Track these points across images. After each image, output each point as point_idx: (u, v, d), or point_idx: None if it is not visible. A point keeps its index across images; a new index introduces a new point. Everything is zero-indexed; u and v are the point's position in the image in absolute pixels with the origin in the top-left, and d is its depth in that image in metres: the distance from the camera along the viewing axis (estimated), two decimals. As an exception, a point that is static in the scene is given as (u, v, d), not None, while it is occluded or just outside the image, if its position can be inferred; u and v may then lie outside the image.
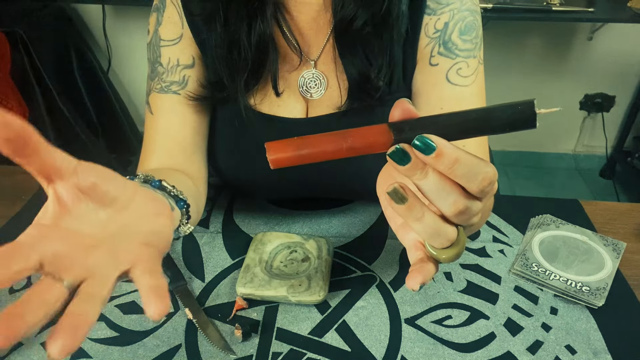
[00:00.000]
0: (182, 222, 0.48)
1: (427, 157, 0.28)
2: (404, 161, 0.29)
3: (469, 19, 0.59)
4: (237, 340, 0.53)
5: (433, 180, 0.29)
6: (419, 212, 0.30)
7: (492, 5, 1.59)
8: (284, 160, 0.30)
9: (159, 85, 0.61)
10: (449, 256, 0.32)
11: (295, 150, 0.30)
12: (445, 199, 0.30)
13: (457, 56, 0.58)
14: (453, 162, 0.28)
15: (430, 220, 0.30)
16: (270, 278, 0.58)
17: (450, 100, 0.58)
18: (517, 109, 0.27)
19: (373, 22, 0.55)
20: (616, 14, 1.66)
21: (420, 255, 0.33)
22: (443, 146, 0.28)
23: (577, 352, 0.52)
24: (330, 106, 0.62)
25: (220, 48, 0.58)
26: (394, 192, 0.30)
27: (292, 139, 0.30)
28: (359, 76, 0.58)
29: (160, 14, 0.61)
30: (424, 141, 0.28)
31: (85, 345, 0.52)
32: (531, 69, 2.05)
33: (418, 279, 0.31)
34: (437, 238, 0.31)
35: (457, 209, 0.30)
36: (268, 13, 0.56)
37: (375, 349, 0.53)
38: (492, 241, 0.67)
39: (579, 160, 2.30)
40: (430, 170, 0.29)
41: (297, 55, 0.61)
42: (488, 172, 0.29)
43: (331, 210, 0.73)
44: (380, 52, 0.57)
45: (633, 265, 0.63)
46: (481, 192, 0.30)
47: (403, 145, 0.29)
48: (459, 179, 0.29)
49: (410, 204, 0.30)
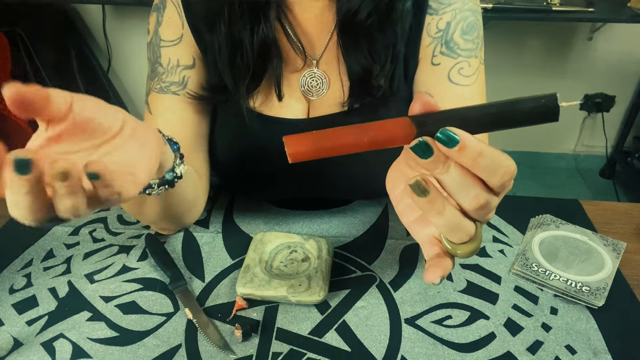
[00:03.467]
0: (176, 163, 0.50)
1: (451, 150, 0.28)
2: (427, 154, 0.29)
3: (471, 19, 0.59)
4: (237, 340, 0.53)
5: (455, 174, 0.29)
6: (441, 206, 0.30)
7: (492, 5, 1.59)
8: (303, 154, 0.29)
9: (159, 85, 0.61)
10: (466, 251, 0.32)
11: (315, 144, 0.29)
12: (466, 193, 0.30)
13: (459, 56, 0.58)
14: (477, 155, 0.28)
15: (451, 214, 0.30)
16: (270, 278, 0.58)
17: (452, 99, 0.58)
18: (540, 102, 0.27)
19: (377, 15, 0.55)
20: (616, 14, 1.66)
21: (437, 251, 0.33)
22: (466, 139, 0.28)
23: (577, 352, 0.52)
24: (332, 106, 0.62)
25: (222, 51, 0.58)
26: (417, 184, 0.29)
27: (310, 133, 0.29)
28: (362, 73, 0.58)
29: (160, 14, 0.61)
30: (447, 134, 0.28)
31: (85, 345, 0.52)
32: (531, 69, 2.05)
33: (438, 272, 0.31)
34: (456, 233, 0.31)
35: (478, 203, 0.30)
36: (271, 16, 0.56)
37: (375, 349, 0.53)
38: (492, 241, 0.67)
39: (579, 160, 2.30)
40: (452, 163, 0.29)
41: (300, 56, 0.60)
42: (510, 165, 0.29)
43: (331, 210, 0.73)
44: (383, 49, 0.57)
45: (633, 265, 0.63)
46: (501, 186, 0.30)
47: (426, 138, 0.29)
48: (481, 172, 0.29)
49: (432, 197, 0.30)
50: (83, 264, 0.63)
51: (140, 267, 0.62)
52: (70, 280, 0.61)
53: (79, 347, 0.52)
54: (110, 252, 0.65)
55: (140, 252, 0.65)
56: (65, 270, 0.62)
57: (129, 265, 0.63)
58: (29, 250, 0.65)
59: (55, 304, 0.57)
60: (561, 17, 1.62)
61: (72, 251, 0.65)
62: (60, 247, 0.66)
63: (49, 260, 0.64)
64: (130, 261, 0.63)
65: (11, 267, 0.63)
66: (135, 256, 0.64)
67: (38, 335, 0.54)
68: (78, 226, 0.69)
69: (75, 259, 0.64)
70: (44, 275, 0.61)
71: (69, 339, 0.53)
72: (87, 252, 0.65)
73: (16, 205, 0.30)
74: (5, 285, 0.60)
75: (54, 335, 0.53)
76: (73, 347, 0.52)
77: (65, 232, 0.68)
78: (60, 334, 0.54)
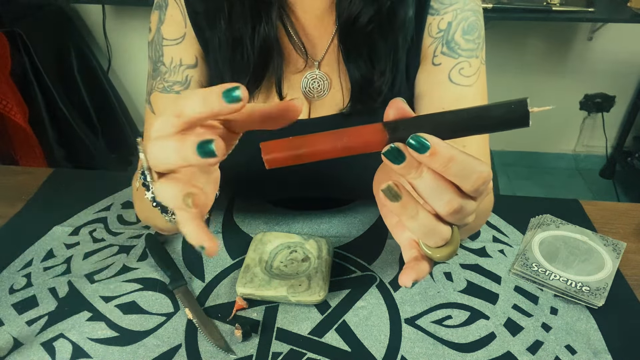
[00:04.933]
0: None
1: (422, 156, 0.28)
2: (399, 160, 0.29)
3: (472, 19, 0.59)
4: (237, 340, 0.53)
5: (428, 179, 0.29)
6: (413, 210, 0.30)
7: (492, 5, 1.59)
8: (280, 160, 0.30)
9: (162, 84, 0.61)
10: (443, 255, 0.32)
11: (291, 150, 0.30)
12: (439, 198, 0.30)
13: (460, 56, 0.58)
14: (447, 161, 0.28)
15: (424, 218, 0.30)
16: (270, 278, 0.58)
17: (452, 100, 0.58)
18: (510, 107, 0.27)
19: (379, 21, 0.55)
20: (616, 14, 1.66)
21: (415, 254, 0.33)
22: (437, 145, 0.28)
23: (577, 352, 0.52)
24: (333, 107, 0.62)
25: (223, 48, 0.57)
26: (388, 189, 0.30)
27: (287, 139, 0.30)
28: (362, 80, 0.58)
29: (162, 12, 0.60)
30: (418, 140, 0.28)
31: (85, 345, 0.52)
32: (531, 69, 2.05)
33: (411, 275, 0.32)
34: (431, 237, 0.31)
35: (452, 208, 0.30)
36: (273, 15, 0.55)
37: (375, 349, 0.53)
38: (492, 241, 0.67)
39: (579, 160, 2.30)
40: (425, 169, 0.29)
41: (301, 57, 0.60)
42: (482, 171, 0.29)
43: (331, 210, 0.73)
44: (384, 56, 0.57)
45: (633, 265, 0.63)
46: (475, 191, 0.30)
47: (398, 144, 0.29)
48: (453, 177, 0.29)
49: (405, 201, 0.30)
50: (83, 264, 0.63)
51: (140, 267, 0.62)
52: (70, 280, 0.60)
53: (79, 347, 0.52)
54: (110, 252, 0.65)
55: (140, 252, 0.65)
56: (65, 270, 0.62)
57: (129, 265, 0.63)
58: (29, 250, 0.65)
59: (55, 304, 0.57)
60: (561, 17, 1.62)
61: (72, 251, 0.65)
62: (60, 247, 0.66)
63: (49, 260, 0.64)
64: (130, 261, 0.63)
65: (11, 267, 0.63)
66: (135, 256, 0.64)
67: (38, 335, 0.54)
68: (78, 226, 0.69)
69: (75, 259, 0.64)
70: (44, 275, 0.61)
71: (69, 339, 0.53)
72: (87, 252, 0.65)
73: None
74: (5, 285, 0.60)
75: (54, 335, 0.53)
76: (73, 347, 0.52)
77: (65, 232, 0.68)
78: (60, 334, 0.54)
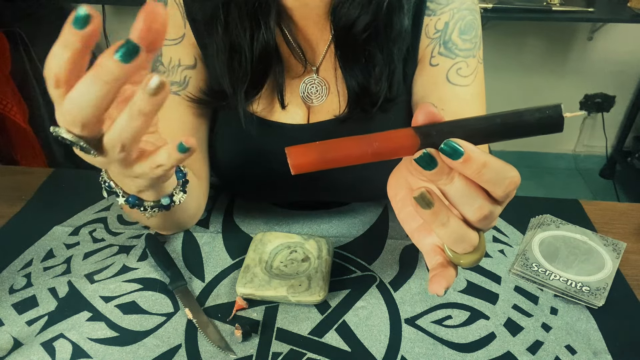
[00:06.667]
0: (175, 191, 0.50)
1: (455, 162, 0.28)
2: (431, 166, 0.28)
3: (469, 18, 0.58)
4: (237, 340, 0.53)
5: (459, 185, 0.29)
6: (445, 217, 0.30)
7: (492, 5, 1.59)
8: (307, 166, 0.29)
9: None
10: (470, 261, 0.31)
11: (319, 155, 0.29)
12: (470, 204, 0.30)
13: (457, 56, 0.58)
14: (481, 167, 0.28)
15: (455, 225, 0.30)
16: (270, 278, 0.58)
17: (450, 100, 0.58)
18: (544, 113, 0.27)
19: (375, 28, 0.54)
20: (616, 14, 1.66)
21: (440, 260, 0.33)
22: (471, 151, 0.28)
23: (577, 352, 0.52)
24: (331, 112, 0.62)
25: (220, 54, 0.57)
26: (421, 196, 0.29)
27: (313, 144, 0.29)
28: (359, 88, 0.57)
29: None
30: (451, 146, 0.28)
31: (85, 345, 0.52)
32: (531, 69, 2.05)
33: (442, 283, 0.31)
34: (460, 243, 0.31)
35: (482, 214, 0.30)
36: (271, 22, 0.55)
37: (375, 349, 0.53)
38: (492, 241, 0.67)
39: (579, 160, 2.30)
40: (456, 175, 0.29)
41: (300, 63, 0.60)
42: (514, 176, 0.29)
43: (331, 210, 0.73)
44: (380, 65, 0.56)
45: (633, 265, 0.63)
46: (506, 196, 0.30)
47: (430, 150, 0.28)
48: (485, 183, 0.29)
49: (437, 208, 0.29)
50: (83, 264, 0.63)
51: (140, 267, 0.62)
52: (70, 280, 0.61)
53: (79, 347, 0.52)
54: (110, 252, 0.65)
55: (140, 252, 0.65)
56: (65, 270, 0.62)
57: (129, 265, 0.63)
58: (29, 250, 0.65)
59: (55, 304, 0.57)
60: (561, 17, 1.63)
61: (72, 251, 0.65)
62: (60, 247, 0.66)
63: (49, 260, 0.64)
64: (130, 261, 0.63)
65: (11, 267, 0.63)
66: (135, 256, 0.64)
67: (38, 335, 0.54)
68: (78, 226, 0.69)
69: (75, 259, 0.64)
70: (44, 275, 0.61)
71: (69, 339, 0.53)
72: (87, 252, 0.65)
73: (86, 96, 0.29)
74: (5, 285, 0.60)
75: (54, 335, 0.53)
76: (73, 347, 0.52)
77: (65, 232, 0.68)
78: (60, 334, 0.54)
